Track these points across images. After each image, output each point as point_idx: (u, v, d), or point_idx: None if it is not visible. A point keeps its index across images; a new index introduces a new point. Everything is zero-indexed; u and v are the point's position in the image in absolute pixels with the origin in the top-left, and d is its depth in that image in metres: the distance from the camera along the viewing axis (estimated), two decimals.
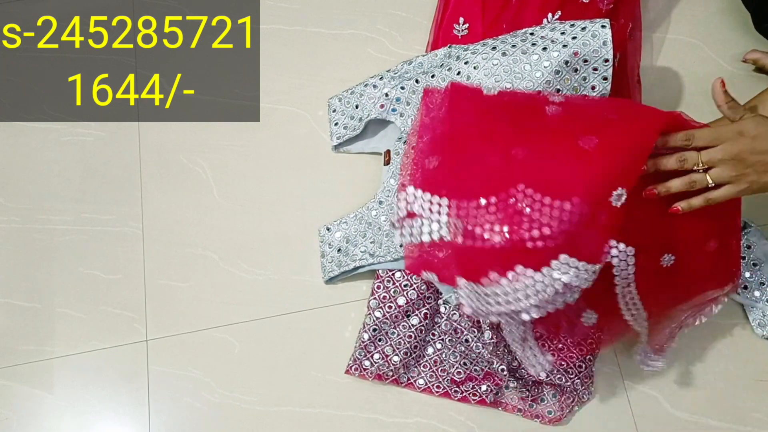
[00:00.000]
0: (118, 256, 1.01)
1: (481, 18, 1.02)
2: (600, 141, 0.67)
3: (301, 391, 0.94)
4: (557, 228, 0.66)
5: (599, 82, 0.88)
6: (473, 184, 0.70)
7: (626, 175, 0.67)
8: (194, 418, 0.93)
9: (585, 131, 0.69)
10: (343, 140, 1.03)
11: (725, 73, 1.08)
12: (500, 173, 0.69)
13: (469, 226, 0.68)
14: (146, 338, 0.96)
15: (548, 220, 0.66)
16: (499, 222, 0.68)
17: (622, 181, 0.66)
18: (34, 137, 1.07)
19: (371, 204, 0.97)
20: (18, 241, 1.02)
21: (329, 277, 0.97)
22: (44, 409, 0.94)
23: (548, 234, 0.66)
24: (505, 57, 0.89)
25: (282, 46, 1.12)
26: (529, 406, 0.91)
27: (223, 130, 1.07)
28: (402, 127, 0.99)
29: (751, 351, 0.94)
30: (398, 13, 1.13)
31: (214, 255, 1.00)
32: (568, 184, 0.67)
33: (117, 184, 1.05)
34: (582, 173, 0.67)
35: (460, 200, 0.70)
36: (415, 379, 0.93)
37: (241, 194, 1.03)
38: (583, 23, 0.89)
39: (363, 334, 0.93)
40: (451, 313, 0.93)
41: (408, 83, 1.00)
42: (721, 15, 1.12)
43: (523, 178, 0.68)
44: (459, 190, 0.70)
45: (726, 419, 0.92)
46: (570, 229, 0.66)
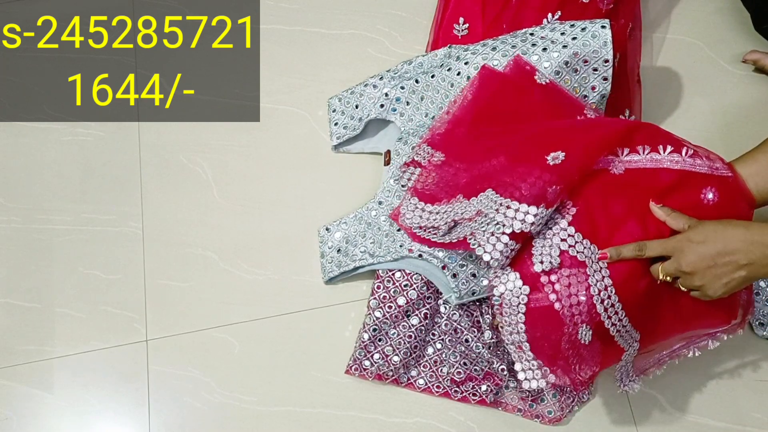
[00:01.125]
0: (118, 256, 1.01)
1: (481, 18, 1.02)
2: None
3: (301, 391, 0.94)
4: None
5: (599, 82, 0.88)
6: (464, 149, 0.86)
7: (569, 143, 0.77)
8: (194, 418, 0.93)
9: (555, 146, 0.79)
10: (343, 140, 1.03)
11: (725, 73, 1.08)
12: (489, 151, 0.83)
13: (441, 182, 0.87)
14: (146, 338, 0.96)
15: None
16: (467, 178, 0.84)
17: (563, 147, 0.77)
18: (34, 137, 1.07)
19: (371, 204, 0.97)
20: (18, 241, 1.02)
21: (329, 277, 0.97)
22: (44, 409, 0.94)
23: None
24: (506, 58, 0.89)
25: (282, 46, 1.12)
26: (529, 406, 0.91)
27: (223, 130, 1.07)
28: (402, 126, 0.99)
29: (751, 351, 0.94)
30: (398, 13, 1.13)
31: (214, 255, 1.00)
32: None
33: (117, 184, 1.05)
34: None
35: (450, 158, 0.87)
36: (415, 379, 0.93)
37: (241, 194, 1.03)
38: (583, 24, 0.89)
39: (363, 334, 0.93)
40: (451, 313, 0.93)
41: (408, 83, 1.00)
42: (721, 15, 1.12)
43: (504, 152, 0.81)
44: (451, 152, 0.87)
45: (726, 419, 0.92)
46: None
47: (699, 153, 0.78)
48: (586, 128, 0.81)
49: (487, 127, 0.86)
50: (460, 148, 0.86)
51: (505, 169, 0.79)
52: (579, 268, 0.74)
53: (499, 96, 0.87)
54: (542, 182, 0.74)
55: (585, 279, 0.73)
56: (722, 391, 0.93)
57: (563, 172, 0.75)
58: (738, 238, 0.70)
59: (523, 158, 0.78)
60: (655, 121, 1.05)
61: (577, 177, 0.76)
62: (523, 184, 0.75)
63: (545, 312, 0.74)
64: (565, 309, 0.74)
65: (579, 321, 0.74)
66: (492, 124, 0.86)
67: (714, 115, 1.06)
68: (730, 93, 1.07)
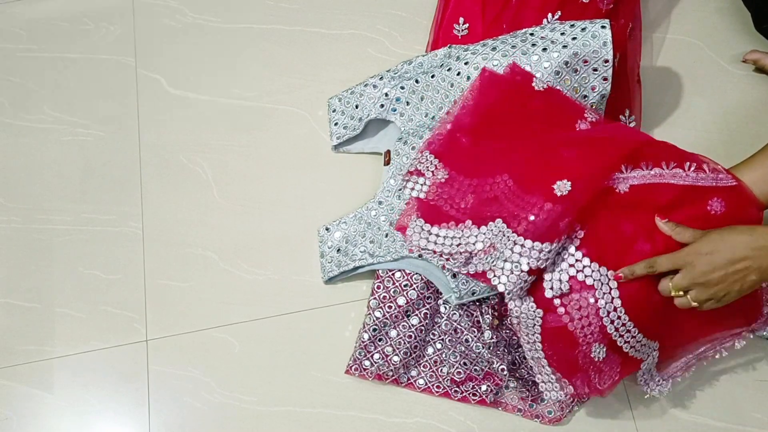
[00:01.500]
0: (118, 256, 1.01)
1: (481, 18, 1.02)
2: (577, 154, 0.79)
3: (301, 391, 0.94)
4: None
5: (599, 82, 0.88)
6: (468, 163, 0.85)
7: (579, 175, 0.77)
8: (194, 418, 0.93)
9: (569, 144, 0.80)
10: (343, 140, 1.03)
11: (725, 73, 1.08)
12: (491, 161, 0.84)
13: (445, 195, 0.86)
14: (146, 338, 0.97)
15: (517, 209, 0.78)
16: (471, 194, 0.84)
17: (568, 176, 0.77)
18: (34, 137, 1.07)
19: (371, 204, 0.97)
20: (18, 241, 1.02)
21: (329, 277, 0.97)
22: (44, 409, 0.94)
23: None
24: (506, 58, 0.89)
25: (282, 46, 1.12)
26: (529, 406, 0.91)
27: (223, 130, 1.07)
28: (402, 126, 0.99)
29: (751, 351, 0.94)
30: (398, 13, 1.13)
31: (214, 255, 1.00)
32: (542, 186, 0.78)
33: (117, 184, 1.05)
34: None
35: (454, 172, 0.86)
36: (415, 379, 0.93)
37: (241, 194, 1.03)
38: (583, 24, 0.89)
39: (363, 334, 0.93)
40: (451, 313, 0.93)
41: (408, 83, 1.00)
42: (721, 15, 1.12)
43: (508, 169, 0.81)
44: (455, 165, 0.86)
45: (726, 419, 0.92)
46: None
47: (702, 166, 0.78)
48: (591, 150, 0.80)
49: (489, 133, 0.86)
50: (463, 161, 0.86)
51: (513, 195, 0.79)
52: (588, 291, 0.75)
53: (499, 102, 0.87)
54: (554, 215, 0.75)
55: (594, 302, 0.75)
56: (722, 391, 0.93)
57: (572, 203, 0.76)
58: (744, 245, 0.70)
59: (529, 183, 0.79)
60: (655, 121, 1.05)
61: (585, 204, 0.76)
62: (534, 218, 0.76)
63: (560, 332, 0.77)
64: (577, 330, 0.76)
65: (591, 340, 0.76)
66: (493, 130, 0.86)
67: (714, 115, 1.06)
68: (730, 93, 1.07)
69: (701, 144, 1.03)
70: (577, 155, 0.79)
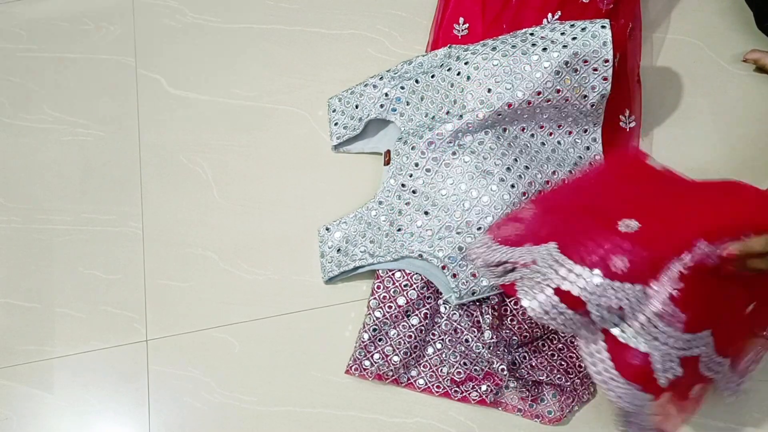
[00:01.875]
0: (118, 256, 1.01)
1: (481, 18, 1.02)
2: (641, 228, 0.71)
3: (301, 391, 0.94)
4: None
5: (599, 82, 0.88)
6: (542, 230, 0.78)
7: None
8: (194, 418, 0.93)
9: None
10: (343, 140, 1.03)
11: (725, 72, 1.08)
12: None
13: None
14: (146, 338, 0.97)
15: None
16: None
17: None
18: (34, 137, 1.08)
19: (371, 204, 0.97)
20: (18, 241, 1.02)
21: (329, 277, 0.97)
22: (44, 409, 0.94)
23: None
24: (506, 58, 0.89)
25: (282, 46, 1.12)
26: (529, 406, 0.91)
27: (223, 130, 1.07)
28: (402, 126, 0.99)
29: None
30: (398, 13, 1.13)
31: (214, 255, 1.00)
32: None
33: (117, 184, 1.05)
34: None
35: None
36: (415, 379, 0.93)
37: (241, 194, 1.03)
38: (583, 23, 0.89)
39: (363, 334, 0.93)
40: (451, 313, 0.93)
41: (408, 83, 1.00)
42: (721, 15, 1.12)
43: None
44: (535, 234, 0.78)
45: (726, 419, 0.92)
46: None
47: None
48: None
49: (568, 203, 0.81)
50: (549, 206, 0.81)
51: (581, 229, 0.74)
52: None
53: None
54: (621, 251, 0.68)
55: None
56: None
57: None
58: None
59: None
60: (655, 121, 1.05)
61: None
62: (598, 249, 0.69)
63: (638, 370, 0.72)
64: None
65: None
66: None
67: (714, 115, 1.06)
68: (730, 93, 1.07)
69: (701, 144, 1.03)
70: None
